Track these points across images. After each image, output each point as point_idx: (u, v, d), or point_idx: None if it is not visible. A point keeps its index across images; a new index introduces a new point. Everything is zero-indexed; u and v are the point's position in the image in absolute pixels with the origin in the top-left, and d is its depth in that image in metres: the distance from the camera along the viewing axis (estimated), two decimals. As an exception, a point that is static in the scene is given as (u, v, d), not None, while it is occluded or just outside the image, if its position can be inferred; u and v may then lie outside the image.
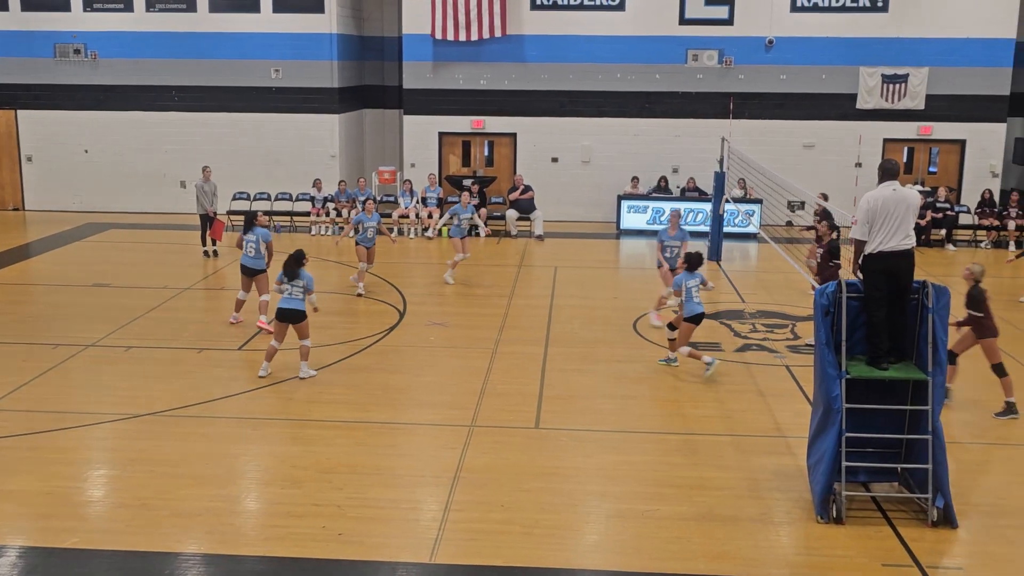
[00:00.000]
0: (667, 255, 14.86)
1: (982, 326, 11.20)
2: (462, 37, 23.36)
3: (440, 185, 23.52)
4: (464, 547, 8.09)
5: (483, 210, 22.74)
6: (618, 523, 8.61)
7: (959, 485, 8.98)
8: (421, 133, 24.19)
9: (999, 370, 11.30)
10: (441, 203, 22.83)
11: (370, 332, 14.34)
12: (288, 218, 23.34)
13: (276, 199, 23.61)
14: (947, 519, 8.54)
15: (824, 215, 16.15)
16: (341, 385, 12.04)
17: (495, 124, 24.13)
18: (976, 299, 11.17)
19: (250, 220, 14.65)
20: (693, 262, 12.54)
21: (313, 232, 22.64)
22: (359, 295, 16.42)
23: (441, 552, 7.98)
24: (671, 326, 12.87)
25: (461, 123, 24.15)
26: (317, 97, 24.00)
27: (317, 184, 23.15)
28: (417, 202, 22.63)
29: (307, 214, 23.03)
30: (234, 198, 23.34)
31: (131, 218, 24.14)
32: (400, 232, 22.34)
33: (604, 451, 10.15)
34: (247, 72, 23.96)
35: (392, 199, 23.34)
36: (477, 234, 21.41)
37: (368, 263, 16.72)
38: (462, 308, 15.91)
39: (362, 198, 22.29)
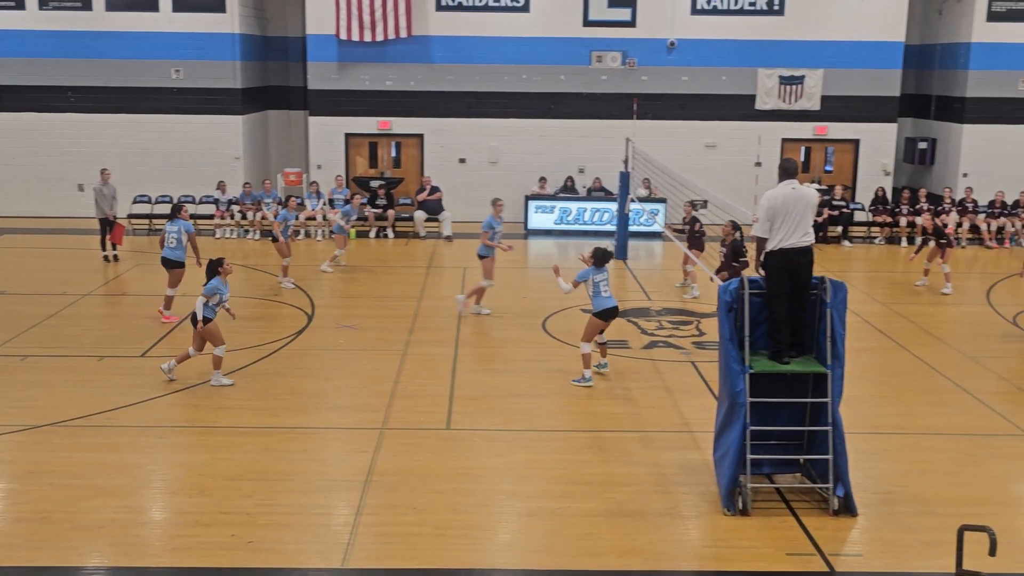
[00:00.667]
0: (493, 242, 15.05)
1: None
2: (367, 38, 23.21)
3: (347, 187, 23.34)
4: (377, 551, 8.06)
5: (391, 212, 22.65)
6: (530, 521, 8.68)
7: (858, 474, 9.29)
8: (327, 134, 23.97)
9: None
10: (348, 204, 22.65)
11: (278, 336, 14.16)
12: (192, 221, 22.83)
13: (179, 202, 23.08)
14: (847, 508, 8.82)
15: (692, 220, 17.09)
16: (249, 391, 11.86)
17: (402, 125, 24.05)
18: None
19: (175, 210, 14.72)
20: (599, 257, 12.35)
21: (218, 235, 22.23)
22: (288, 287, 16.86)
23: (353, 556, 7.94)
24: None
25: (368, 124, 24.01)
26: (220, 98, 23.57)
27: (221, 186, 22.75)
28: (324, 204, 22.41)
29: (211, 217, 22.60)
30: (134, 201, 22.80)
31: (27, 223, 23.35)
32: (307, 234, 22.10)
33: (515, 450, 10.21)
34: (147, 72, 23.41)
35: (299, 201, 23.03)
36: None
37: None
38: (372, 310, 15.81)
39: (268, 200, 21.99)
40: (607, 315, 12.30)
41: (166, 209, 22.38)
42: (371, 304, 16.30)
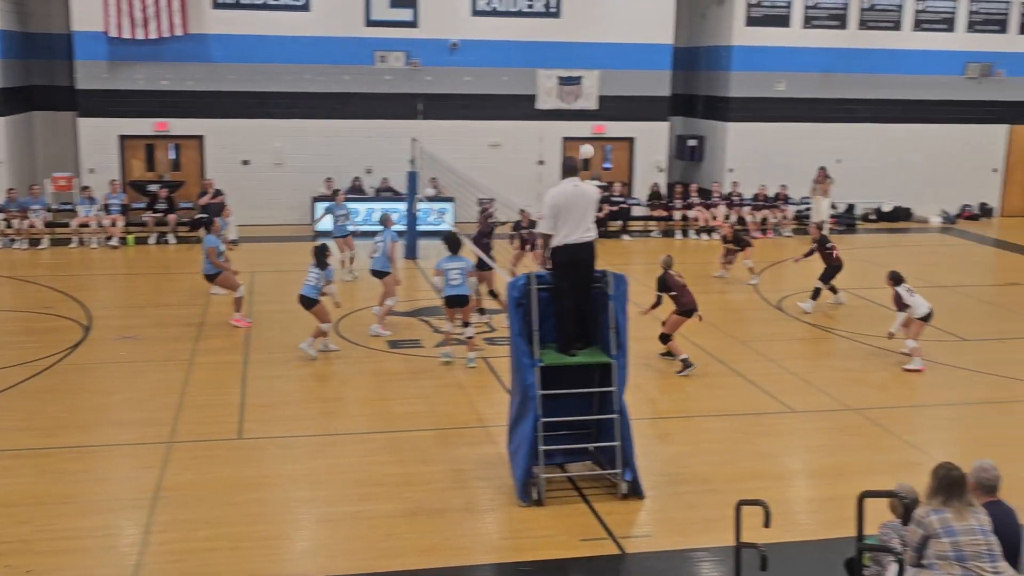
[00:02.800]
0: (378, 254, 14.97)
1: None
2: (140, 35, 22.19)
3: (124, 191, 22.27)
4: (168, 569, 7.78)
5: (172, 216, 21.79)
6: (328, 527, 8.61)
7: (644, 458, 9.73)
8: (99, 137, 22.73)
9: None
10: (126, 209, 21.64)
11: (52, 351, 13.35)
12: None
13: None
14: (635, 491, 9.23)
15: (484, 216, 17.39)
16: (21, 411, 11.15)
17: (180, 126, 23.15)
18: None
19: None
20: (451, 244, 12.85)
21: (-21, 246, 20.72)
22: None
23: (144, 577, 7.64)
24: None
25: (143, 125, 22.96)
26: (-24, 99, 21.95)
27: (-19, 193, 21.20)
28: (99, 209, 21.27)
29: (-30, 226, 21.02)
30: None
31: None
32: (80, 242, 20.93)
33: (311, 456, 10.10)
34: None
35: (70, 207, 21.81)
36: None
37: None
38: (155, 319, 15.16)
39: (36, 207, 20.71)
40: (447, 302, 12.90)
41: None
42: (154, 313, 15.62)
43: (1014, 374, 13.19)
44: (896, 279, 13.43)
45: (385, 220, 15.13)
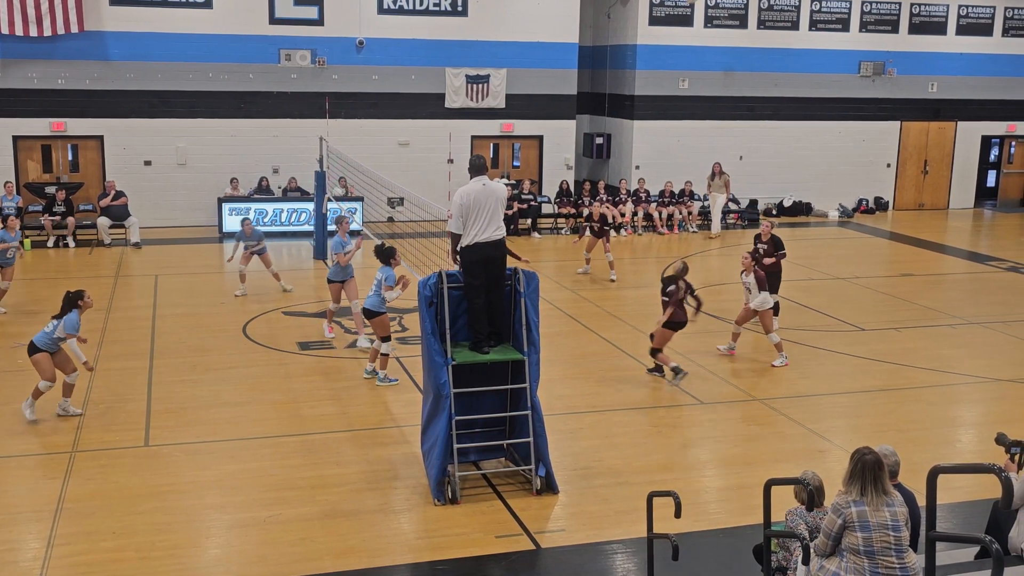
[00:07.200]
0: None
1: None
2: (33, 32, 21.48)
3: (19, 193, 21.55)
4: (75, 581, 7.58)
5: (71, 219, 21.17)
6: (240, 533, 8.49)
7: (557, 453, 9.83)
8: (-9, 137, 21.98)
9: None
10: (21, 213, 20.95)
11: (-56, 361, 12.88)
12: None
13: None
14: (549, 486, 9.32)
15: None
16: (-87, 423, 10.73)
17: (78, 126, 22.49)
18: None
19: None
20: (381, 256, 12.24)
21: None
22: None
23: (48, 591, 7.43)
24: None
25: (39, 126, 22.24)
26: None
27: None
28: (-9, 213, 20.55)
29: None
30: None
31: None
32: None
33: (221, 461, 9.93)
34: None
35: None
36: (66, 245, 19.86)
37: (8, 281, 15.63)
38: (53, 326, 14.71)
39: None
40: (365, 314, 12.37)
41: None
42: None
43: (909, 361, 13.69)
44: (759, 260, 13.79)
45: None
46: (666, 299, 12.49)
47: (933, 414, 11.82)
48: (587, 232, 18.95)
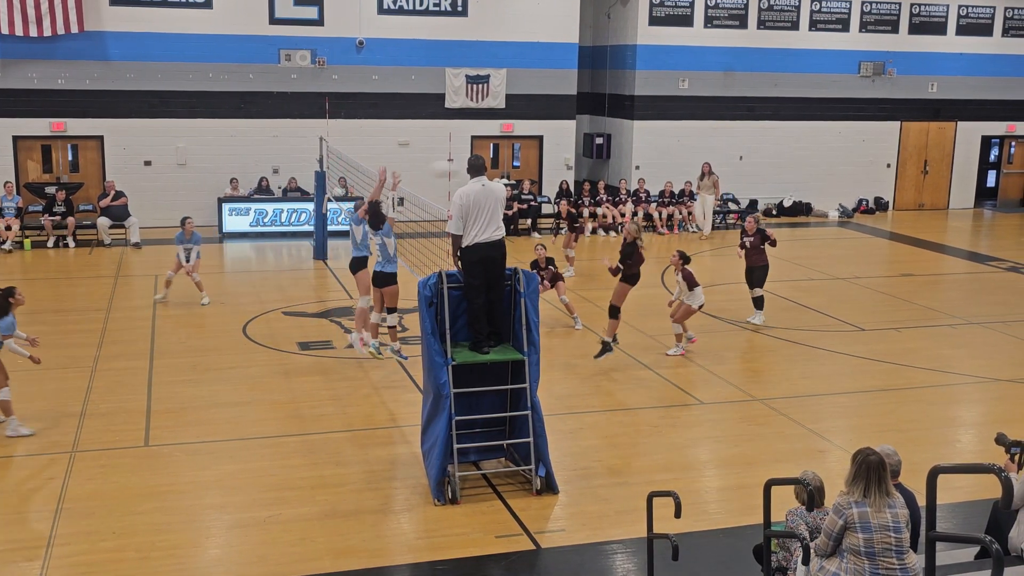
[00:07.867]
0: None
1: None
2: (33, 32, 21.48)
3: (19, 194, 21.55)
4: (74, 582, 7.59)
5: (71, 219, 21.17)
6: (240, 533, 8.49)
7: (557, 453, 9.83)
8: (-9, 137, 21.98)
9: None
10: (21, 213, 20.95)
11: (-56, 361, 12.86)
12: None
13: None
14: (549, 486, 9.32)
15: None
16: (-87, 423, 10.72)
17: (78, 127, 22.49)
18: None
19: None
20: (373, 221, 12.38)
21: None
22: None
23: (48, 591, 7.44)
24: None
25: (39, 126, 22.24)
26: None
27: None
28: (-8, 213, 20.55)
29: None
30: None
31: None
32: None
33: (221, 462, 9.93)
34: None
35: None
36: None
37: None
38: (54, 326, 14.70)
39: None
40: (374, 279, 12.46)
41: None
42: (53, 319, 15.14)
43: (909, 361, 13.69)
44: (686, 259, 13.80)
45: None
46: (631, 262, 12.90)
47: (933, 414, 11.82)
48: (561, 231, 18.94)
